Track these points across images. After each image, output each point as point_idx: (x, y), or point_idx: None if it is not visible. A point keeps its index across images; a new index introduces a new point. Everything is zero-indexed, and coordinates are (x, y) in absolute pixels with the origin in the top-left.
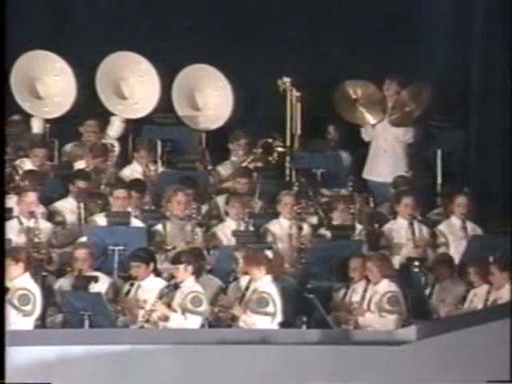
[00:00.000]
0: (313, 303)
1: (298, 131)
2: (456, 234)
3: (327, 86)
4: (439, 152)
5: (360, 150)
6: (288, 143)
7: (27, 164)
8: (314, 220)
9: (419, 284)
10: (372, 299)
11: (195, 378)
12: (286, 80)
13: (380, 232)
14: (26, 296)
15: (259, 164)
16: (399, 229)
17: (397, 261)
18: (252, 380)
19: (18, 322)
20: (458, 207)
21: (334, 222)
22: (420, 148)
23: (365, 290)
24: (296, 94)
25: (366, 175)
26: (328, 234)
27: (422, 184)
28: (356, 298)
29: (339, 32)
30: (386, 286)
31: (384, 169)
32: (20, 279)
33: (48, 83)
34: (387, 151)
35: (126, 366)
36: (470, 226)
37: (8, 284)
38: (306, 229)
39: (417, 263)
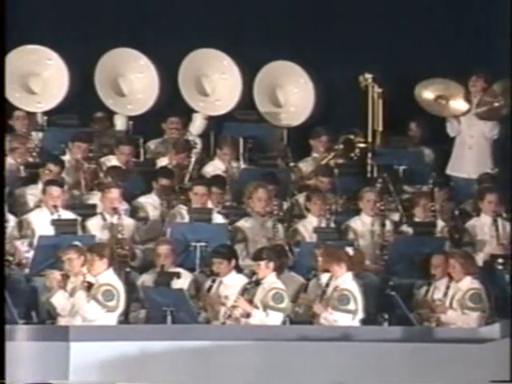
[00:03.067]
0: (395, 300)
1: (380, 127)
2: None
3: (409, 82)
4: None
5: (443, 146)
6: (369, 139)
7: (113, 161)
8: (396, 217)
9: (503, 281)
10: (454, 296)
11: (276, 374)
12: (368, 76)
13: (463, 229)
14: (110, 292)
15: (340, 160)
16: (483, 226)
17: (480, 258)
18: (333, 377)
19: (102, 317)
20: None
21: (416, 219)
22: (505, 145)
23: (447, 288)
24: (378, 90)
25: (450, 171)
26: (410, 230)
27: (506, 181)
28: (438, 295)
29: (422, 27)
30: (468, 283)
31: (469, 165)
32: (104, 275)
33: (131, 80)
34: (472, 148)
35: (207, 362)
36: None
37: (92, 280)
38: (388, 225)
39: (500, 260)
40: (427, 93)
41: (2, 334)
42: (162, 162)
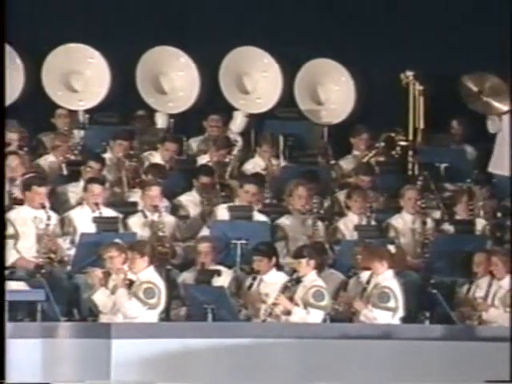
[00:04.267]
0: (436, 298)
1: (421, 125)
2: None
3: (451, 79)
4: None
5: (485, 144)
6: (411, 137)
7: (156, 158)
8: (437, 215)
9: None
10: (496, 294)
11: (317, 371)
12: (409, 74)
13: (505, 226)
14: (151, 289)
15: (381, 158)
16: None
17: None
18: (373, 375)
19: (143, 314)
20: None
21: (457, 217)
22: None
23: (489, 286)
24: (419, 87)
25: (491, 169)
26: (451, 228)
27: None
28: (480, 293)
29: (463, 24)
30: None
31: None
32: (145, 272)
33: (172, 78)
34: None
35: (248, 360)
36: None
37: (133, 277)
38: (429, 223)
39: None
40: (470, 85)
41: (3, 334)
42: (203, 159)
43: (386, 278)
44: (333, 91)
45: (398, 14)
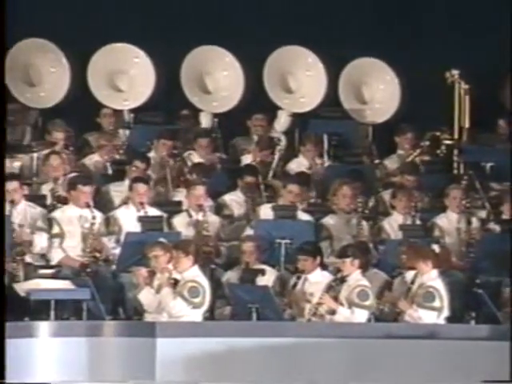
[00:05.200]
0: (482, 298)
1: (467, 124)
2: None
3: (497, 78)
4: None
5: None
6: (456, 136)
7: (195, 157)
8: (483, 214)
9: None
10: None
11: (361, 371)
12: (455, 72)
13: None
14: (196, 288)
15: (426, 157)
16: None
17: None
18: (418, 375)
19: (188, 313)
20: None
21: (504, 216)
22: None
23: None
24: (464, 86)
25: None
26: (497, 227)
27: None
28: None
29: (509, 23)
30: None
31: None
32: (189, 272)
33: (217, 78)
34: None
35: (292, 359)
36: None
37: (178, 276)
38: (475, 222)
39: None
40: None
41: (3, 334)
42: (247, 159)
43: (430, 277)
44: (377, 90)
45: (443, 13)
